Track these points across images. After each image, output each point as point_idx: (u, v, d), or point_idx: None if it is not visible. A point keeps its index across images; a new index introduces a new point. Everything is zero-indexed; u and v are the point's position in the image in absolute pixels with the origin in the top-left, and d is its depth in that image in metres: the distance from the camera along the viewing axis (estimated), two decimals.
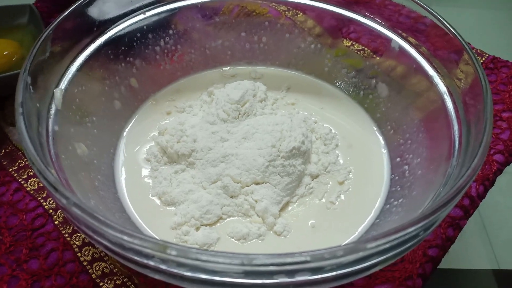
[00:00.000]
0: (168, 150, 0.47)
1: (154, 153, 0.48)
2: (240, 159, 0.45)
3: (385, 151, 0.50)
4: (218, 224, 0.43)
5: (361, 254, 0.27)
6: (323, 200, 0.45)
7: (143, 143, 0.50)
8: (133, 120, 0.52)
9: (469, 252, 0.89)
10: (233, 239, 0.42)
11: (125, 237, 0.27)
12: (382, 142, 0.51)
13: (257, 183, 0.45)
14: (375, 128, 0.52)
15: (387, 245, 0.28)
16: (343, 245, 0.27)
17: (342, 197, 0.46)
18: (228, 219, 0.44)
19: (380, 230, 0.41)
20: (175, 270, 0.27)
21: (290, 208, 0.45)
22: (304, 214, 0.44)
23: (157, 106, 0.54)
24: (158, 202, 0.45)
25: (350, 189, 0.46)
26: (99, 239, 0.29)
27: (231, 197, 0.44)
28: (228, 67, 0.59)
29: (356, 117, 0.54)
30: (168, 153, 0.47)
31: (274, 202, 0.44)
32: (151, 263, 0.28)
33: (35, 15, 0.58)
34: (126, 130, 0.51)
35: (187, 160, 0.47)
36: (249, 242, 0.42)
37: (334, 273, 0.27)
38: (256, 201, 0.44)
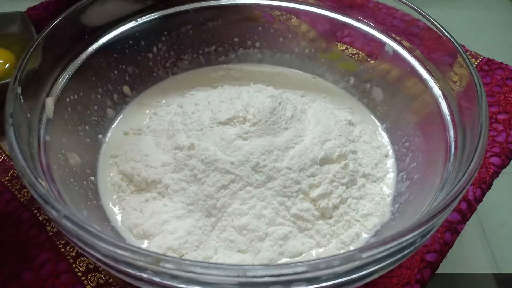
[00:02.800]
0: (135, 178, 0.43)
1: (118, 183, 0.44)
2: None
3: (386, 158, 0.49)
4: (199, 252, 0.40)
5: (357, 263, 0.27)
6: (318, 215, 0.41)
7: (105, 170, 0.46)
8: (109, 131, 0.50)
9: (468, 256, 0.88)
10: None
11: (117, 250, 0.27)
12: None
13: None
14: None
15: (383, 254, 0.27)
16: (340, 254, 0.27)
17: (340, 207, 0.42)
18: (210, 249, 0.40)
19: (378, 237, 0.41)
20: (169, 282, 0.27)
21: (280, 227, 0.40)
22: (296, 233, 0.41)
23: (119, 124, 0.51)
24: (130, 235, 0.41)
25: (349, 198, 0.43)
26: (91, 251, 0.29)
27: (213, 224, 0.41)
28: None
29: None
30: (135, 181, 0.43)
31: (260, 219, 0.40)
32: (144, 275, 0.27)
33: (27, 22, 0.58)
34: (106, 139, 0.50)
35: (157, 187, 0.43)
36: None
37: (330, 282, 0.27)
38: (240, 228, 0.40)
